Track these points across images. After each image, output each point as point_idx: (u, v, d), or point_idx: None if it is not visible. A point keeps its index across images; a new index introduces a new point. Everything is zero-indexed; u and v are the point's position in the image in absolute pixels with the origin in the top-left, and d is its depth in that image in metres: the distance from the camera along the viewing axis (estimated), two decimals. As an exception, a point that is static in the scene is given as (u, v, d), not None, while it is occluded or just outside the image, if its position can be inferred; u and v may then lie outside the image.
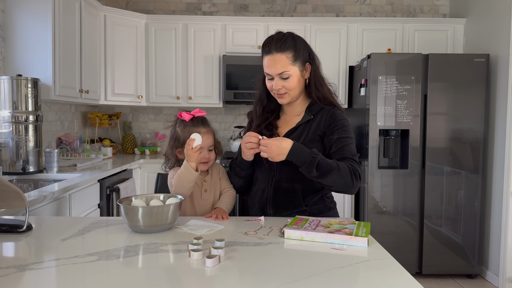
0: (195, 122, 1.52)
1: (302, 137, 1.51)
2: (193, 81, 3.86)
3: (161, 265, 0.98)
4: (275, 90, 1.51)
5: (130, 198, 1.35)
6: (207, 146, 1.52)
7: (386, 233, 3.31)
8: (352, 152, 1.48)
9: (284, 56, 1.47)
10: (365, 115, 3.35)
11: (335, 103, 1.58)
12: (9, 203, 1.23)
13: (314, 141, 1.51)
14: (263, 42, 1.53)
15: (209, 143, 1.53)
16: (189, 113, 1.53)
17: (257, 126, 1.60)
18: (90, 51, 3.35)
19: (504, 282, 3.12)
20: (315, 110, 1.55)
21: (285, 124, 1.59)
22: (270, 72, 1.50)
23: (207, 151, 1.53)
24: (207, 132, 1.52)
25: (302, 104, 1.59)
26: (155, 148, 4.03)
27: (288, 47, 1.48)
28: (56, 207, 2.09)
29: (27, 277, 0.91)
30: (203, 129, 1.51)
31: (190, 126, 1.51)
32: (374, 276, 0.95)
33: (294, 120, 1.58)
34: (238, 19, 3.84)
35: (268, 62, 1.50)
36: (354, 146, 1.52)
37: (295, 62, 1.49)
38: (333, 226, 1.24)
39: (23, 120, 2.44)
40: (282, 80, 1.49)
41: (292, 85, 1.50)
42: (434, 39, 3.81)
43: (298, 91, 1.54)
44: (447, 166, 3.30)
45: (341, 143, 1.48)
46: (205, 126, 1.53)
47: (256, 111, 1.63)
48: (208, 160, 1.54)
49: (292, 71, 1.49)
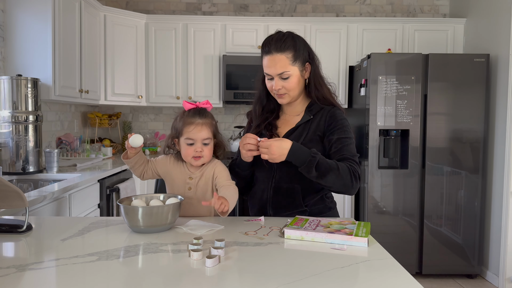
0: (191, 113, 1.44)
1: (301, 137, 1.51)
2: (193, 81, 3.86)
3: (161, 265, 0.98)
4: (275, 90, 1.51)
5: (130, 198, 1.35)
6: (200, 139, 1.42)
7: (386, 233, 3.31)
8: (352, 153, 1.47)
9: (284, 56, 1.47)
10: (365, 115, 3.35)
11: (335, 103, 1.57)
12: (9, 203, 1.23)
13: (314, 141, 1.50)
14: (263, 42, 1.52)
15: (203, 136, 1.42)
16: (191, 103, 1.46)
17: (257, 126, 1.59)
18: (90, 51, 3.35)
19: (504, 282, 3.11)
20: (315, 110, 1.55)
21: (284, 124, 1.59)
22: (270, 72, 1.49)
23: (201, 145, 1.42)
24: (202, 124, 1.42)
25: (302, 104, 1.59)
26: (155, 148, 4.03)
27: (288, 47, 1.47)
28: (56, 207, 2.09)
29: (27, 277, 0.91)
30: (198, 120, 1.42)
31: (187, 116, 1.44)
32: (374, 276, 0.95)
33: (294, 120, 1.58)
34: (238, 19, 3.84)
35: (268, 62, 1.49)
36: (354, 147, 1.51)
37: (295, 62, 1.48)
38: (333, 226, 1.24)
39: (23, 120, 2.44)
40: (282, 80, 1.48)
41: (292, 85, 1.49)
42: (434, 39, 3.81)
43: (298, 91, 1.53)
44: (447, 166, 3.30)
45: (340, 143, 1.47)
46: (202, 117, 1.43)
47: (255, 111, 1.62)
48: (201, 155, 1.43)
49: (292, 71, 1.48)
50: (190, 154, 1.43)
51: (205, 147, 1.43)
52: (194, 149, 1.42)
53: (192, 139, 1.41)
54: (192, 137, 1.41)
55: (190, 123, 1.42)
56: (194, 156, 1.43)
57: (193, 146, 1.42)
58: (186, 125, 1.43)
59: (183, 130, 1.43)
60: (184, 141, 1.44)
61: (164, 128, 4.24)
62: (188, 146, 1.43)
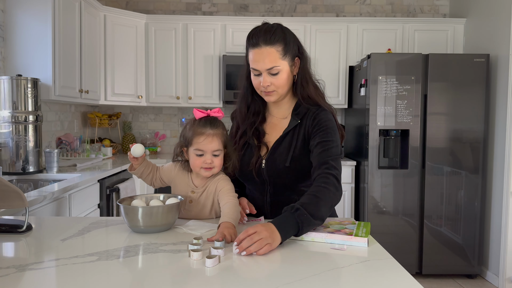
0: (202, 122, 1.35)
1: (291, 147, 1.40)
2: (193, 81, 3.86)
3: (161, 265, 0.98)
4: (262, 87, 1.38)
5: (130, 198, 1.35)
6: (210, 151, 1.35)
7: (386, 233, 3.31)
8: (332, 154, 1.33)
9: (273, 49, 1.34)
10: (365, 115, 3.35)
11: (320, 103, 1.43)
12: (9, 203, 1.23)
13: (304, 152, 1.40)
14: (249, 33, 1.38)
15: (213, 148, 1.34)
16: (202, 111, 1.37)
17: (244, 133, 1.48)
18: (90, 51, 3.35)
19: (504, 282, 3.11)
20: (301, 113, 1.43)
21: (272, 129, 1.48)
22: (258, 67, 1.36)
23: (211, 156, 1.35)
24: (213, 135, 1.34)
25: (289, 104, 1.48)
26: (155, 148, 4.03)
27: (278, 39, 1.34)
28: (56, 207, 2.09)
29: (27, 277, 0.91)
30: (209, 131, 1.34)
31: (197, 126, 1.35)
32: (374, 276, 0.95)
33: (282, 124, 1.47)
34: (238, 19, 3.84)
35: (255, 56, 1.35)
36: (337, 149, 1.36)
37: (285, 56, 1.36)
38: (333, 226, 1.24)
39: (23, 120, 2.44)
40: (270, 76, 1.36)
41: (282, 82, 1.37)
42: (434, 39, 3.81)
43: (287, 89, 1.42)
44: (447, 166, 3.30)
45: (322, 147, 1.35)
46: (213, 127, 1.35)
47: (240, 111, 1.51)
48: (211, 166, 1.36)
49: (282, 66, 1.36)
50: (199, 165, 1.36)
51: (215, 158, 1.36)
52: (204, 160, 1.35)
53: (202, 150, 1.34)
54: (202, 148, 1.34)
55: (200, 134, 1.34)
56: (203, 167, 1.36)
57: (202, 157, 1.35)
58: (196, 135, 1.34)
59: (192, 140, 1.35)
60: (193, 151, 1.36)
61: (164, 128, 4.24)
62: (197, 157, 1.36)
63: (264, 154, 1.46)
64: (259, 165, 1.44)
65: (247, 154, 1.47)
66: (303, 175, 1.41)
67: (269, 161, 1.43)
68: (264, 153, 1.46)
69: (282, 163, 1.41)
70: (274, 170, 1.42)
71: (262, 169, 1.44)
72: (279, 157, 1.42)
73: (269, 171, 1.43)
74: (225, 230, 1.14)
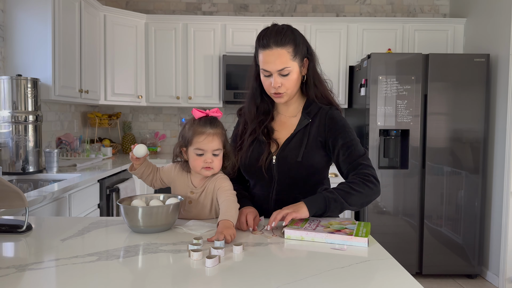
0: (202, 122, 1.36)
1: (302, 145, 1.42)
2: (193, 81, 3.86)
3: (161, 265, 0.98)
4: (273, 88, 1.40)
5: (130, 198, 1.35)
6: (210, 150, 1.35)
7: (386, 233, 3.31)
8: (360, 154, 1.39)
9: (284, 50, 1.36)
10: (365, 115, 3.35)
11: (333, 101, 1.48)
12: (9, 203, 1.23)
13: (315, 148, 1.43)
14: (259, 34, 1.41)
15: (213, 147, 1.35)
16: (201, 111, 1.38)
17: (253, 131, 1.50)
18: (90, 51, 3.35)
19: (504, 282, 3.11)
20: (313, 112, 1.46)
21: (281, 127, 1.50)
22: (269, 69, 1.38)
23: (211, 156, 1.36)
24: (213, 134, 1.35)
25: (297, 103, 1.50)
26: (155, 148, 4.03)
27: (288, 41, 1.37)
28: (56, 207, 2.09)
29: (27, 277, 0.91)
30: (209, 130, 1.35)
31: (197, 126, 1.36)
32: (374, 276, 0.95)
33: (291, 121, 1.49)
34: (238, 19, 3.84)
35: (266, 57, 1.37)
36: (360, 146, 1.41)
37: (295, 57, 1.38)
38: (333, 226, 1.24)
39: (22, 120, 2.44)
40: (281, 77, 1.38)
41: (292, 83, 1.40)
42: (434, 39, 3.81)
43: (296, 89, 1.44)
44: (447, 166, 3.30)
45: (347, 148, 1.39)
46: (212, 127, 1.36)
47: (249, 111, 1.52)
48: (211, 166, 1.37)
49: (292, 67, 1.38)
50: (199, 165, 1.36)
51: (215, 157, 1.37)
52: (204, 160, 1.36)
53: (202, 149, 1.34)
54: (202, 148, 1.34)
55: (200, 133, 1.34)
56: (204, 167, 1.37)
57: (202, 156, 1.36)
58: (196, 135, 1.34)
59: (192, 140, 1.35)
60: (193, 151, 1.36)
61: (164, 128, 4.23)
62: (197, 157, 1.36)
63: (274, 150, 1.47)
64: (269, 161, 1.46)
65: (256, 151, 1.48)
66: (313, 171, 1.44)
67: (280, 157, 1.45)
68: (274, 149, 1.47)
69: (293, 158, 1.43)
70: (285, 166, 1.44)
71: (273, 165, 1.45)
72: (290, 152, 1.44)
73: (280, 167, 1.45)
74: (224, 230, 1.14)
